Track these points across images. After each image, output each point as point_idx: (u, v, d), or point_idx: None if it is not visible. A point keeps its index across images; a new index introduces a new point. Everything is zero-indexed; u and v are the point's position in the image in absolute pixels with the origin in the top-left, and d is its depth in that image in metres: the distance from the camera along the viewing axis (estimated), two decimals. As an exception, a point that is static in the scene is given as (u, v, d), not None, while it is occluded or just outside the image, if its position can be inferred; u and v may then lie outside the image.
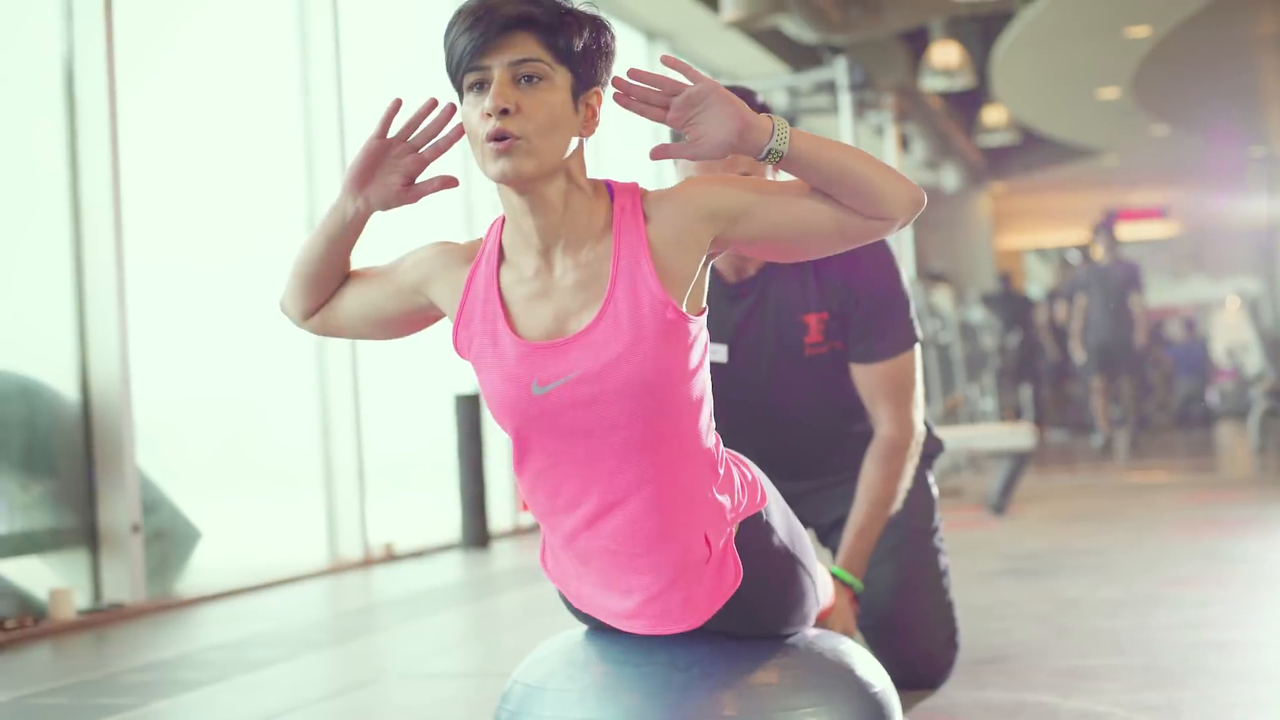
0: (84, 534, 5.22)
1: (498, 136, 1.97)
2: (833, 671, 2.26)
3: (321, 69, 6.76)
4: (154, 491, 5.57)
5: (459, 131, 2.09)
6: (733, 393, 3.04)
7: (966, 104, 15.23)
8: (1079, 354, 11.68)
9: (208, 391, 6.28)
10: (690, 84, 2.01)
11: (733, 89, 2.84)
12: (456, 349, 2.15)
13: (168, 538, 5.61)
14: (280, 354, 6.60)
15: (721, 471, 2.15)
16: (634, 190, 2.09)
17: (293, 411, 6.74)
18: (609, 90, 2.07)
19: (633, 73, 2.01)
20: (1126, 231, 23.20)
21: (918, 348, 3.01)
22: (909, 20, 10.54)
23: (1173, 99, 14.18)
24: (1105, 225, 11.81)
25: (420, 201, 2.17)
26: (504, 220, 2.12)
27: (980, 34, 13.21)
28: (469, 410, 6.97)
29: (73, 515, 5.21)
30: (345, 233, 2.18)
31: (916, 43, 12.59)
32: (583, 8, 2.04)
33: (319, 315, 2.26)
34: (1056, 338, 15.52)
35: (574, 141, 2.03)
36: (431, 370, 7.39)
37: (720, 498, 2.13)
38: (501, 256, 2.11)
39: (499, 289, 2.09)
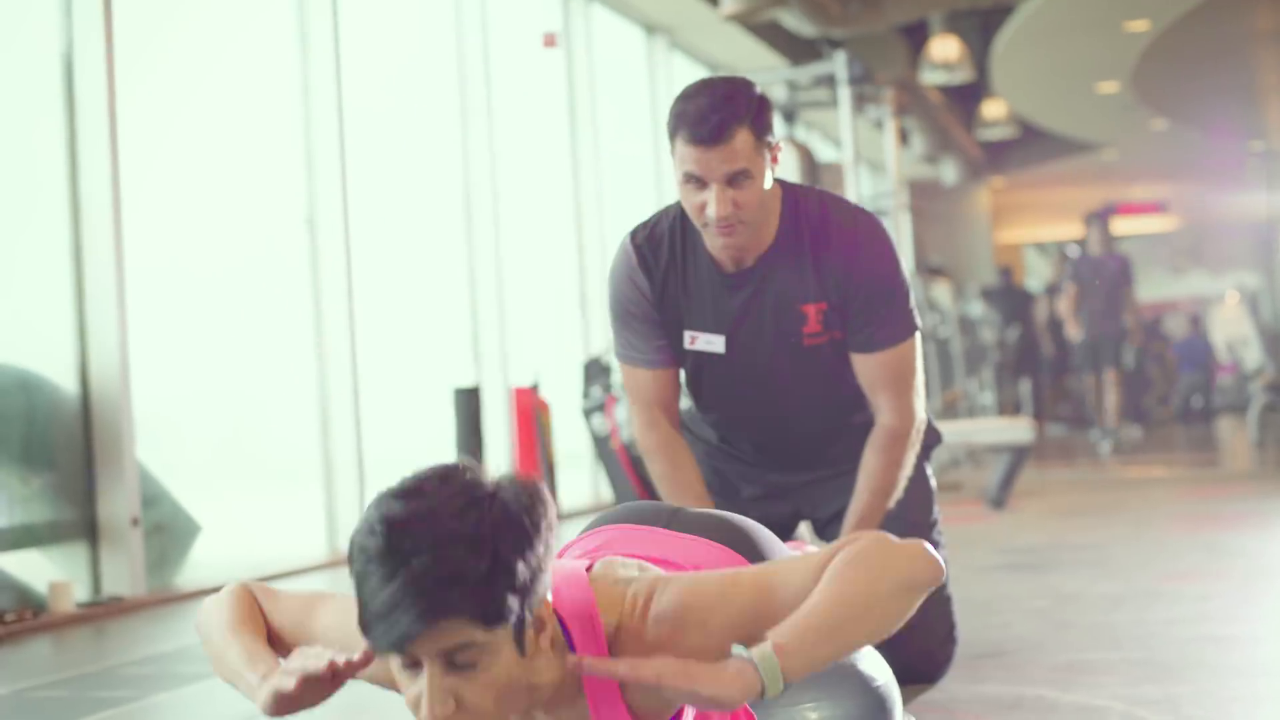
0: (83, 527, 5.23)
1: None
2: (834, 666, 2.26)
3: (321, 65, 6.76)
4: (154, 485, 5.57)
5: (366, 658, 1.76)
6: (731, 383, 3.03)
7: (966, 98, 15.22)
8: (1077, 336, 11.50)
9: (207, 385, 6.28)
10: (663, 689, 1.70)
11: (728, 80, 2.83)
12: None
13: (167, 531, 5.61)
14: (279, 348, 6.60)
15: None
16: (597, 637, 1.78)
17: (292, 405, 6.75)
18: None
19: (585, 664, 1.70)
20: (1125, 226, 23.20)
21: (918, 336, 2.99)
22: (908, 14, 10.53)
23: (1172, 93, 14.18)
24: (1100, 215, 11.64)
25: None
26: None
27: (980, 28, 13.21)
28: (468, 404, 6.96)
29: (72, 508, 5.21)
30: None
31: (916, 36, 12.58)
32: (516, 505, 1.65)
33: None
34: (1055, 332, 15.53)
35: (532, 675, 1.71)
36: (431, 364, 7.39)
37: None
38: None
39: None
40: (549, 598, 1.73)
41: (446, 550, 1.61)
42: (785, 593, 1.78)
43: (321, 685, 1.79)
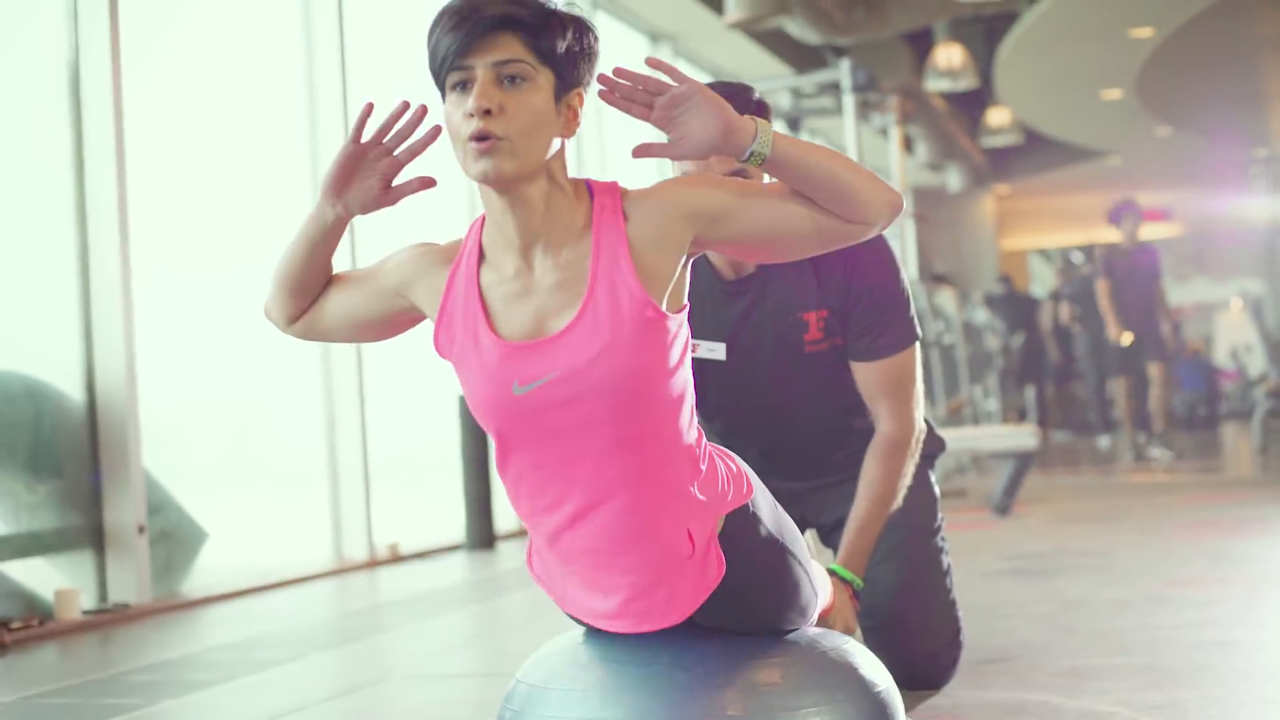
0: (90, 534, 5.23)
1: (480, 137, 1.98)
2: (836, 671, 2.26)
3: (327, 67, 6.77)
4: (160, 492, 5.58)
5: (434, 133, 2.09)
6: (732, 391, 3.04)
7: (970, 105, 15.24)
8: (1124, 337, 10.64)
9: (214, 392, 6.29)
10: (674, 84, 2.03)
11: (728, 85, 2.85)
12: (438, 350, 2.17)
13: (173, 538, 5.62)
14: (286, 355, 6.60)
15: (704, 467, 2.15)
16: (614, 189, 2.10)
17: (298, 412, 6.76)
18: (593, 89, 2.08)
19: (618, 71, 2.02)
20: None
21: (918, 345, 3.00)
22: (913, 21, 10.55)
23: (1176, 100, 14.19)
24: (1130, 206, 10.90)
25: (399, 203, 2.17)
26: (484, 220, 2.13)
27: (984, 35, 13.23)
28: (473, 411, 6.96)
29: (78, 515, 5.22)
30: (325, 238, 2.20)
31: (920, 44, 12.60)
32: (567, 9, 2.05)
33: (303, 321, 2.29)
34: (1059, 339, 15.53)
35: (556, 142, 2.04)
36: (436, 371, 7.40)
37: (703, 494, 2.13)
38: (482, 257, 2.12)
39: (479, 289, 2.11)
40: (583, 93, 2.07)
41: None
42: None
43: (380, 156, 2.13)
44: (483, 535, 7.04)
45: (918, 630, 3.09)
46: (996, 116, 15.23)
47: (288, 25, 6.79)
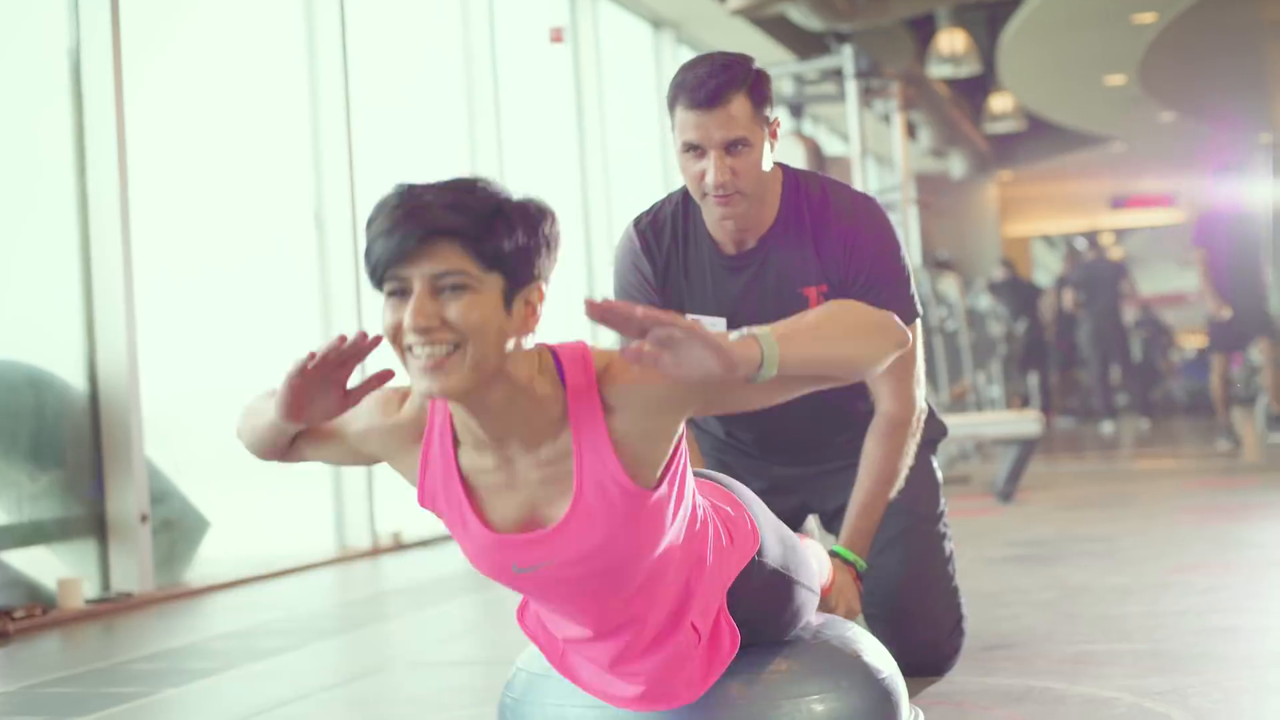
0: (92, 524, 5.23)
1: (423, 352, 1.83)
2: (840, 658, 2.26)
3: (328, 60, 6.76)
4: (162, 481, 5.58)
5: (376, 340, 1.93)
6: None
7: (973, 91, 15.20)
8: (1224, 312, 9.45)
9: (216, 381, 6.28)
10: (673, 332, 1.80)
11: (726, 55, 2.83)
12: (422, 505, 2.05)
13: (176, 527, 5.61)
14: (288, 343, 6.60)
15: (711, 557, 2.10)
16: (587, 369, 1.93)
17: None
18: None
19: (605, 304, 1.81)
20: (1134, 218, 23.19)
21: (918, 323, 2.99)
22: (915, 7, 10.51)
23: (1180, 86, 14.16)
24: (1229, 166, 9.91)
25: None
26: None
27: (987, 21, 13.19)
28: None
29: (81, 505, 5.22)
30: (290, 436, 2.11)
31: (923, 30, 12.56)
32: (519, 201, 1.87)
33: (278, 460, 2.19)
34: (1063, 325, 15.53)
35: (509, 344, 1.86)
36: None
37: (710, 582, 2.11)
38: (455, 438, 1.99)
39: (459, 474, 1.99)
40: (544, 287, 1.90)
41: (455, 192, 1.83)
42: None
43: (329, 374, 1.96)
44: (486, 523, 7.03)
45: (921, 617, 3.08)
46: (999, 102, 15.19)
47: (290, 16, 6.77)
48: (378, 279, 1.85)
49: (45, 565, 5.12)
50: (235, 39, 6.61)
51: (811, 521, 3.35)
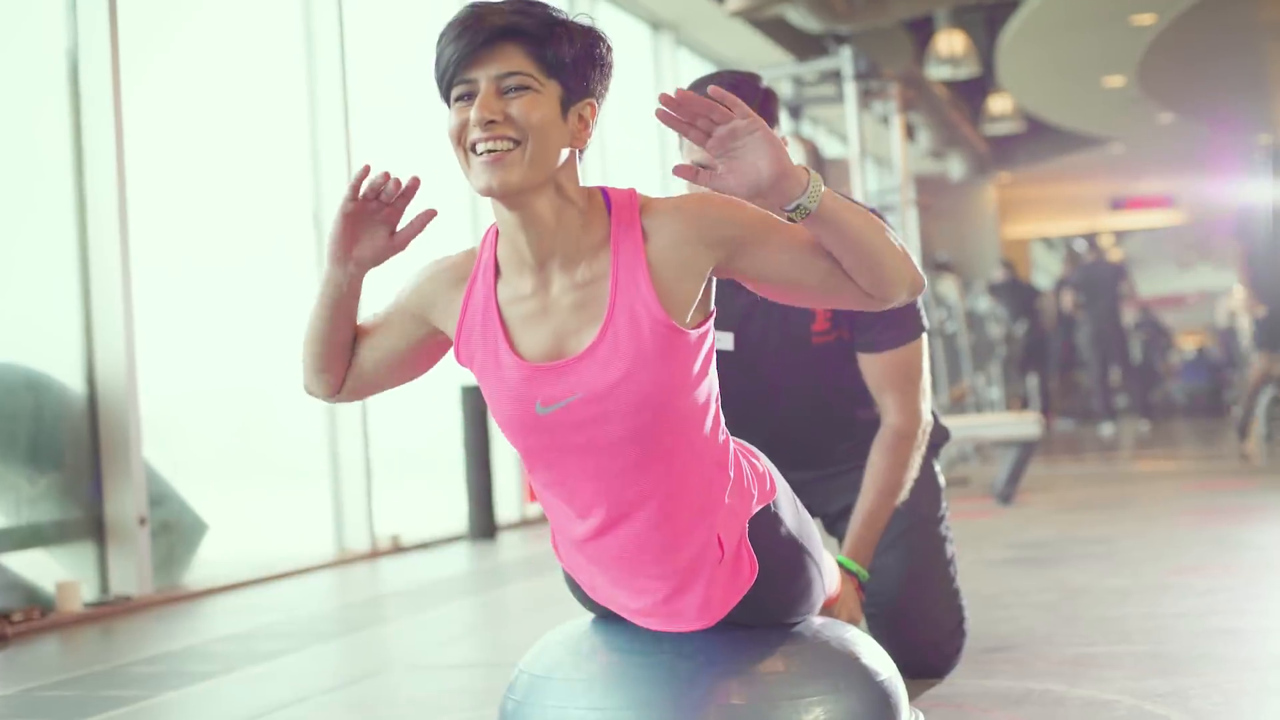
0: (91, 526, 5.23)
1: (486, 148, 1.95)
2: (839, 660, 2.26)
3: (327, 60, 6.76)
4: (161, 484, 5.57)
5: (416, 182, 2.07)
6: (739, 381, 3.02)
7: (972, 93, 15.21)
8: (1259, 310, 9.21)
9: (214, 384, 6.29)
10: (738, 119, 1.94)
11: (735, 73, 2.85)
12: (459, 361, 2.14)
13: (175, 530, 5.61)
14: (287, 345, 6.59)
15: (732, 474, 2.13)
16: (632, 202, 2.04)
17: (299, 404, 6.73)
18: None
19: (680, 94, 1.94)
20: (1132, 220, 23.19)
21: (924, 337, 3.00)
22: (914, 9, 10.52)
23: (1179, 87, 14.17)
24: None
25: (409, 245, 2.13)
26: (498, 232, 2.09)
27: (985, 22, 13.20)
28: (475, 402, 6.97)
29: (79, 508, 5.21)
30: (345, 300, 2.17)
31: (922, 31, 12.57)
32: (577, 18, 2.01)
33: (346, 386, 2.25)
34: (1063, 327, 15.53)
35: (564, 153, 1.99)
36: (438, 362, 7.38)
37: (730, 499, 2.12)
38: (497, 271, 2.09)
39: (497, 307, 2.07)
40: (595, 104, 2.03)
41: (521, 5, 1.97)
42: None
43: (376, 214, 2.09)
44: (484, 526, 7.04)
45: (921, 619, 3.08)
46: (998, 104, 15.20)
47: (288, 15, 6.77)
48: (446, 83, 1.98)
49: (44, 568, 5.11)
50: (233, 38, 6.61)
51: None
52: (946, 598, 3.13)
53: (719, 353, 3.03)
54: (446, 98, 2.00)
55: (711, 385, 2.09)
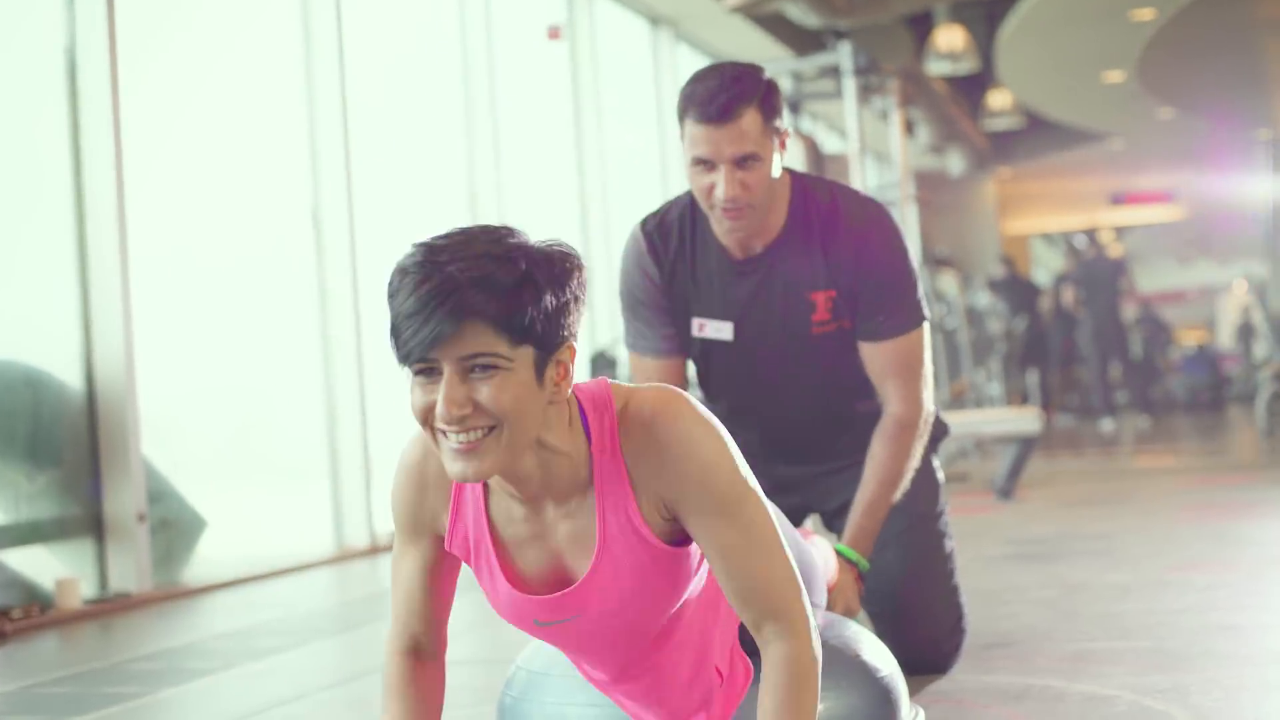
0: (90, 523, 5.23)
1: (456, 439, 1.77)
2: (840, 657, 2.25)
3: (325, 57, 6.75)
4: (159, 481, 5.57)
5: None
6: (738, 370, 3.03)
7: (971, 88, 15.19)
8: None
9: (214, 381, 6.28)
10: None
11: (738, 65, 2.84)
12: (450, 549, 2.02)
13: (173, 527, 5.61)
14: (285, 342, 6.59)
15: (725, 605, 2.08)
16: (610, 417, 1.88)
17: (298, 400, 6.74)
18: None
19: None
20: (1132, 215, 23.17)
21: (926, 326, 2.99)
22: (913, 4, 10.50)
23: (1178, 83, 14.15)
24: None
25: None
26: None
27: (985, 18, 13.18)
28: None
29: (78, 505, 5.21)
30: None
31: (921, 27, 12.55)
32: (545, 255, 1.79)
33: (442, 643, 2.23)
34: (1063, 323, 15.53)
35: (544, 412, 1.81)
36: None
37: (723, 622, 2.09)
38: (486, 485, 1.94)
39: (489, 522, 1.95)
40: (574, 344, 1.83)
41: (479, 261, 1.73)
42: None
43: None
44: (484, 522, 7.02)
45: (921, 615, 3.08)
46: (998, 99, 15.18)
47: (286, 14, 6.76)
48: (403, 359, 1.79)
49: (43, 565, 5.11)
50: (232, 37, 6.60)
51: (809, 522, 3.35)
52: (946, 594, 3.13)
53: (719, 343, 3.04)
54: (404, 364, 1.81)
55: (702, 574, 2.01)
